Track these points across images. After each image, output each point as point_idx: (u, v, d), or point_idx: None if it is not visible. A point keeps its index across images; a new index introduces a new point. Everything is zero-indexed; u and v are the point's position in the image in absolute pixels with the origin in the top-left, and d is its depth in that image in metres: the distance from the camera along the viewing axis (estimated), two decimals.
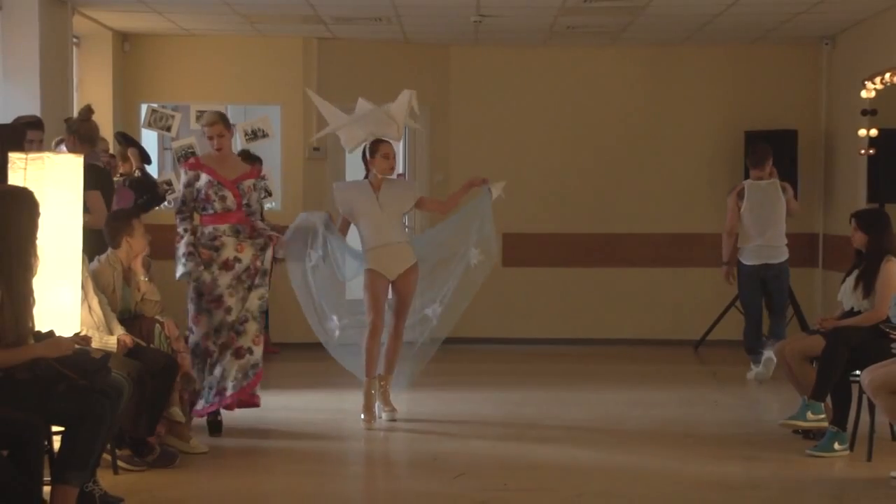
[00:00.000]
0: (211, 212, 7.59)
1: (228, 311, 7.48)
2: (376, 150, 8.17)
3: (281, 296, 9.86)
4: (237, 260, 7.53)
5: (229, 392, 7.42)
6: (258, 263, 7.62)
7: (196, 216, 7.65)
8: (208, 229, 7.56)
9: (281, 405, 8.56)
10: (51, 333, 5.48)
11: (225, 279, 7.49)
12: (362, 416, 7.92)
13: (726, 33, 11.84)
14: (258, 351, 7.60)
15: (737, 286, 10.24)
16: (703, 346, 11.94)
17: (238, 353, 7.49)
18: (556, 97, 12.44)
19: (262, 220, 8.28)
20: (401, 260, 8.12)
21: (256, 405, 7.74)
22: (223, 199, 7.56)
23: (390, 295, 8.21)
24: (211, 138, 7.69)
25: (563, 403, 9.02)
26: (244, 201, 7.66)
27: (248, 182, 7.75)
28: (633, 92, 12.57)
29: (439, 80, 12.82)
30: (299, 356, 10.65)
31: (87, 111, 8.73)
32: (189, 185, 7.59)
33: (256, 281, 7.61)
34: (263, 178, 8.15)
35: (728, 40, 12.24)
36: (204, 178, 7.55)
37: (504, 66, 12.67)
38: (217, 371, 7.46)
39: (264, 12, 10.91)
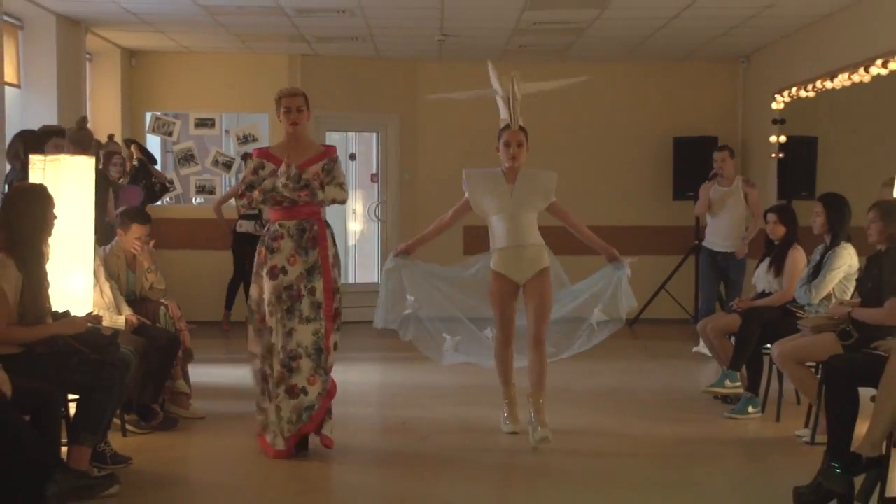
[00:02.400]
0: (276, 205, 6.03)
1: (271, 332, 5.92)
2: (499, 137, 6.65)
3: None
4: (283, 271, 5.88)
5: (285, 435, 5.90)
6: (301, 287, 5.89)
7: (265, 210, 6.23)
8: (273, 226, 5.97)
9: None
10: (66, 313, 5.51)
11: (268, 291, 5.92)
12: (506, 421, 6.62)
13: (656, 53, 11.92)
14: (313, 391, 5.87)
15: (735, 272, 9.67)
16: (637, 324, 12.00)
17: (291, 392, 5.87)
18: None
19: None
20: (532, 262, 6.45)
21: (328, 447, 6.06)
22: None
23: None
24: (288, 111, 6.12)
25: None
26: (312, 191, 5.96)
27: (314, 168, 6.01)
28: (577, 103, 12.58)
29: (408, 91, 12.85)
30: None
31: (82, 121, 8.81)
32: (255, 171, 6.04)
33: (307, 312, 5.89)
34: (335, 159, 6.14)
35: (658, 59, 12.32)
36: (269, 167, 6.01)
37: (465, 80, 12.45)
38: (272, 410, 5.94)
39: (255, 32, 10.90)
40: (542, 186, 6.59)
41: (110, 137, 10.05)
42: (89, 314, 5.77)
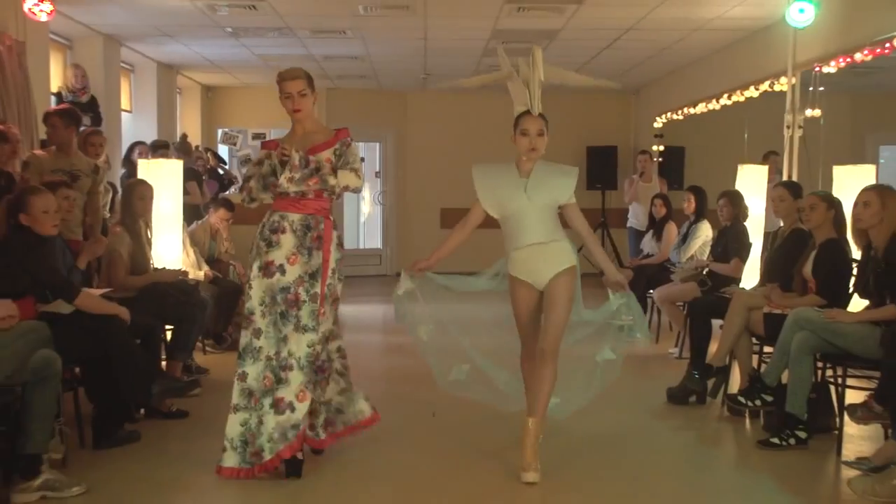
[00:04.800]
0: (284, 194, 3.79)
1: (257, 333, 3.72)
2: (516, 124, 4.16)
3: None
4: (280, 270, 3.72)
5: (266, 456, 3.70)
6: (300, 292, 3.70)
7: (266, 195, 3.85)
8: (275, 216, 3.79)
9: None
10: (164, 268, 5.52)
11: (259, 290, 3.74)
12: (523, 472, 3.77)
13: (576, 86, 11.93)
14: (302, 409, 3.72)
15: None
16: None
17: (277, 407, 3.70)
18: (475, 124, 12.44)
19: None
20: (552, 262, 3.91)
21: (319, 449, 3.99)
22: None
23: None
24: (289, 97, 3.90)
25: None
26: (322, 178, 3.77)
27: (326, 154, 3.81)
28: None
29: (401, 114, 12.85)
30: None
31: (184, 137, 8.83)
32: (259, 163, 3.91)
33: (305, 320, 3.71)
34: (348, 143, 3.89)
35: (577, 91, 12.21)
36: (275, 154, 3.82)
37: (441, 105, 12.67)
38: (252, 421, 3.72)
39: None
40: (560, 181, 4.07)
41: (196, 147, 10.13)
42: (179, 270, 5.80)
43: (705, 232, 6.93)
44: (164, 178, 6.00)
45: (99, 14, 7.60)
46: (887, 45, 5.87)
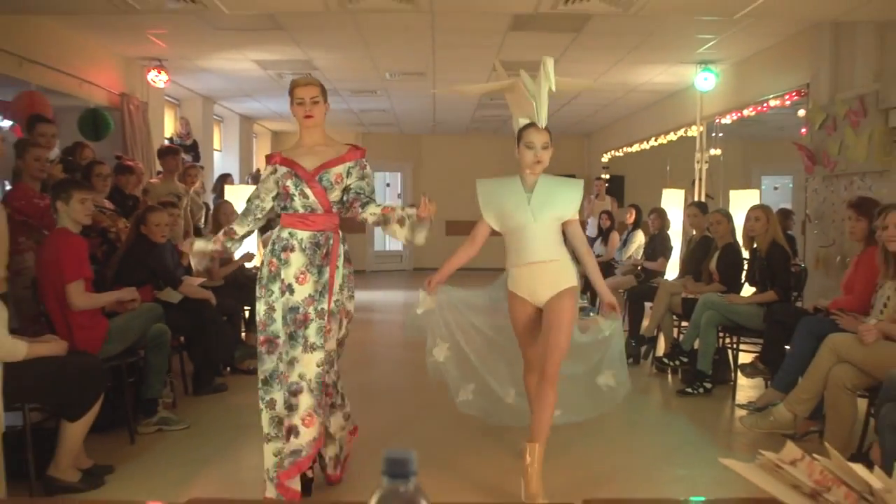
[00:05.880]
0: (292, 210, 2.63)
1: (281, 358, 2.54)
2: (519, 137, 2.96)
3: None
4: (289, 289, 2.55)
5: (271, 475, 2.54)
6: (309, 311, 2.53)
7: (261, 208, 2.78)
8: (284, 233, 2.62)
9: None
10: (236, 260, 5.47)
11: (280, 311, 2.56)
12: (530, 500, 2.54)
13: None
14: (307, 434, 2.51)
15: None
16: None
17: (287, 434, 2.53)
18: (473, 160, 12.46)
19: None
20: (553, 280, 2.73)
21: (333, 482, 2.79)
22: (304, 195, 2.62)
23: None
24: (301, 103, 2.83)
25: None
26: (333, 199, 2.64)
27: (337, 170, 2.70)
28: (507, 156, 12.56)
29: (416, 151, 12.85)
30: None
31: (257, 171, 8.82)
32: (264, 180, 2.74)
33: (313, 338, 2.52)
34: (364, 165, 2.79)
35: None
36: (282, 169, 2.68)
37: (446, 145, 12.69)
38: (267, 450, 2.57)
39: (339, 121, 10.84)
40: (566, 195, 2.86)
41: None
42: (254, 266, 5.78)
43: (639, 238, 6.95)
44: (244, 200, 6.01)
45: (199, 81, 7.68)
46: (765, 104, 6.05)
